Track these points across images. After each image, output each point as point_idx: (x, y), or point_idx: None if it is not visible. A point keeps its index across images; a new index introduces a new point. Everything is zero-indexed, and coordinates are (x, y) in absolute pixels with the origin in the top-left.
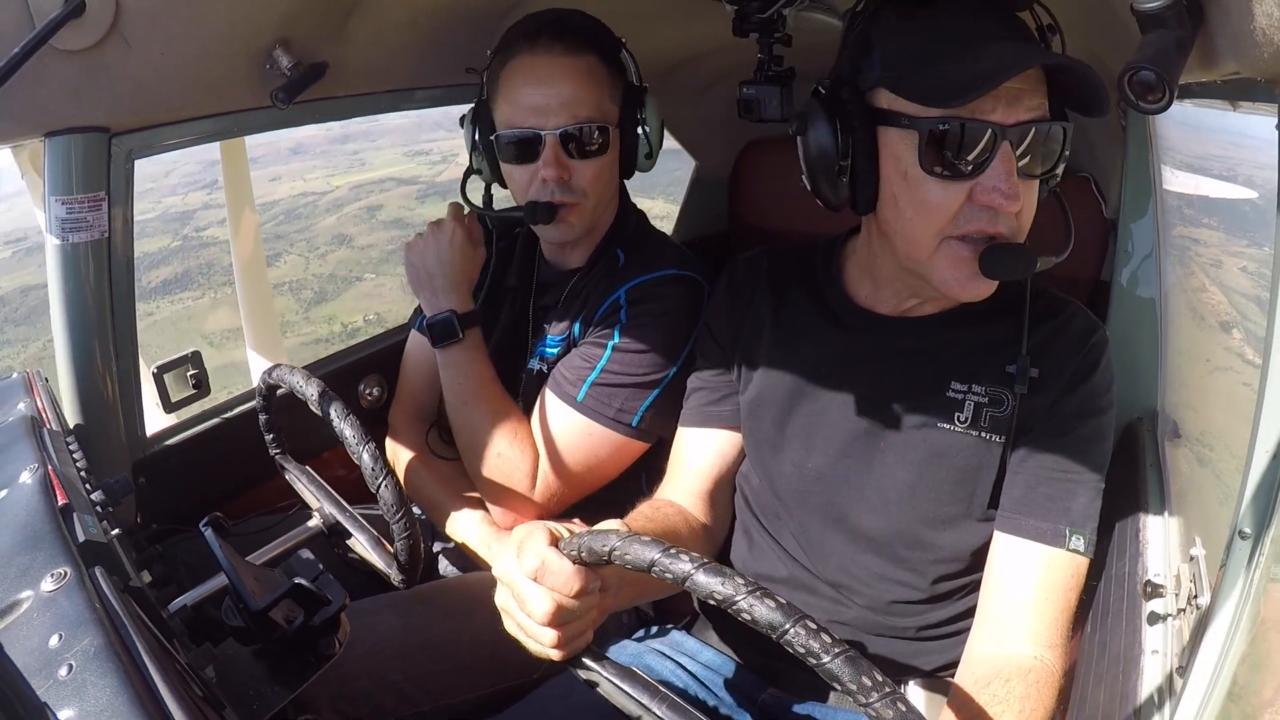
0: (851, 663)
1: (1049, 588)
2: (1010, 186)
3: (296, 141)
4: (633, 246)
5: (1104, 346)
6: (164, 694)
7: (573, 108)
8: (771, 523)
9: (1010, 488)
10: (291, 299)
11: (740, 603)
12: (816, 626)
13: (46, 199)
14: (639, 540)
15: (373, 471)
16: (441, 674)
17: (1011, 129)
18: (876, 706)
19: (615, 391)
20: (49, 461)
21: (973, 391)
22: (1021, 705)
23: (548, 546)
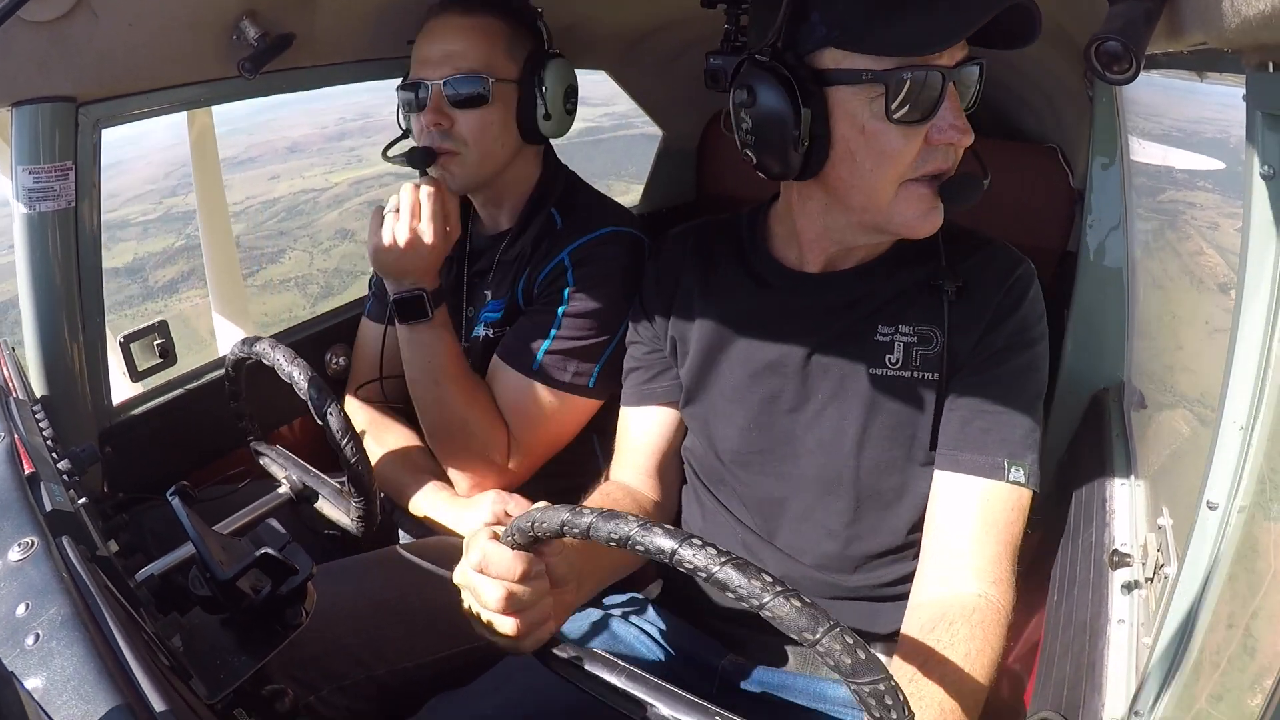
0: (740, 568)
1: (990, 522)
2: (963, 123)
3: (293, 141)
4: (568, 207)
5: (1030, 279)
6: (131, 663)
7: (456, 60)
8: (719, 489)
9: (946, 425)
10: (299, 294)
11: (635, 536)
12: (702, 543)
13: (14, 168)
14: (552, 509)
15: (316, 400)
16: (395, 638)
17: (953, 70)
18: (771, 605)
19: (569, 356)
20: (15, 430)
21: (900, 332)
22: (967, 647)
23: (488, 540)
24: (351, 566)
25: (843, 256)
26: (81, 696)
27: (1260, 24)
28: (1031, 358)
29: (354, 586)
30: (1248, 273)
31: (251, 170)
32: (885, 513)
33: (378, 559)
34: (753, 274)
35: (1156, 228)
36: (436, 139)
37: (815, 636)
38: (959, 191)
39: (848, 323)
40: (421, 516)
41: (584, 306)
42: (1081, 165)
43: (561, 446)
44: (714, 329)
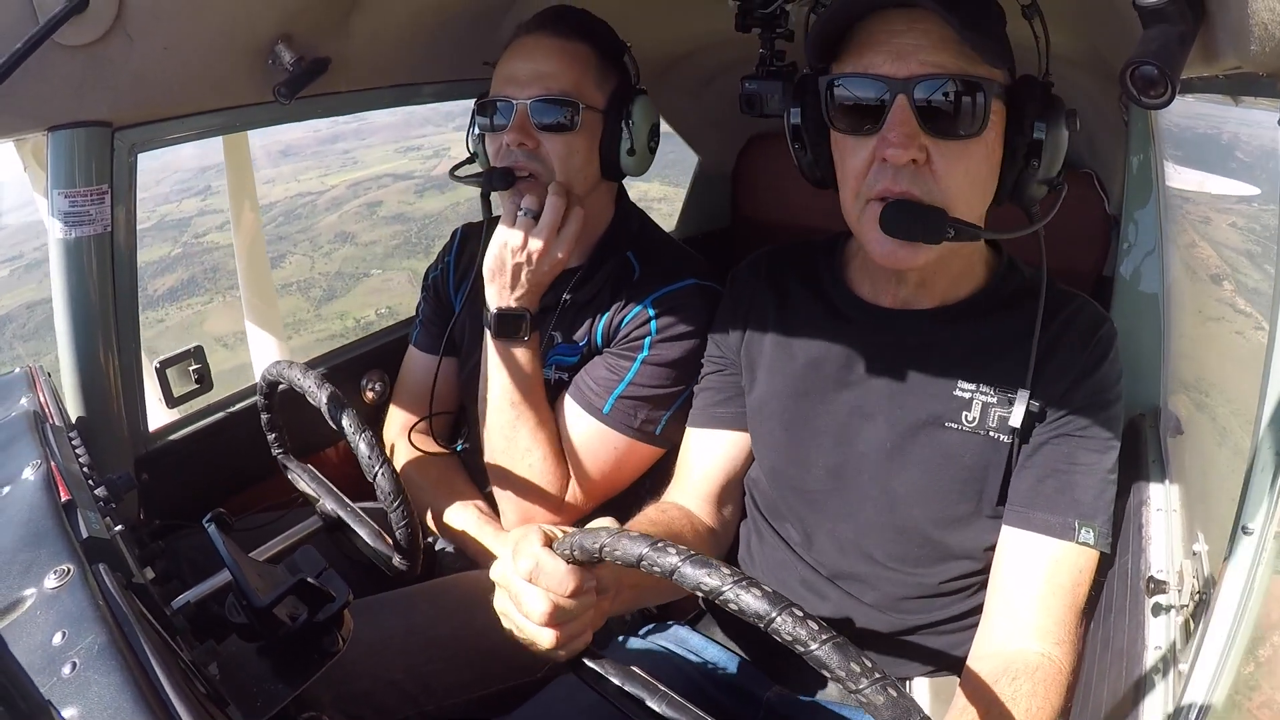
0: (839, 649)
1: (1057, 582)
2: (898, 137)
3: (286, 144)
4: (646, 254)
5: (1112, 339)
6: (168, 691)
7: (547, 80)
8: (780, 523)
9: (1018, 482)
10: (301, 298)
11: (727, 593)
12: (803, 614)
13: (50, 193)
14: (628, 536)
15: (369, 460)
16: (444, 673)
17: (904, 82)
18: (866, 693)
19: (640, 404)
20: (52, 457)
21: (980, 391)
22: (1029, 704)
23: (541, 547)
24: (399, 600)
25: (914, 295)
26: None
27: None
28: (1108, 418)
29: (402, 621)
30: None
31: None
32: (947, 559)
33: (426, 593)
34: (829, 305)
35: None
36: (519, 158)
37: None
38: (897, 219)
39: (927, 372)
40: (463, 545)
41: (665, 356)
42: (1117, 190)
43: (618, 491)
44: (785, 358)
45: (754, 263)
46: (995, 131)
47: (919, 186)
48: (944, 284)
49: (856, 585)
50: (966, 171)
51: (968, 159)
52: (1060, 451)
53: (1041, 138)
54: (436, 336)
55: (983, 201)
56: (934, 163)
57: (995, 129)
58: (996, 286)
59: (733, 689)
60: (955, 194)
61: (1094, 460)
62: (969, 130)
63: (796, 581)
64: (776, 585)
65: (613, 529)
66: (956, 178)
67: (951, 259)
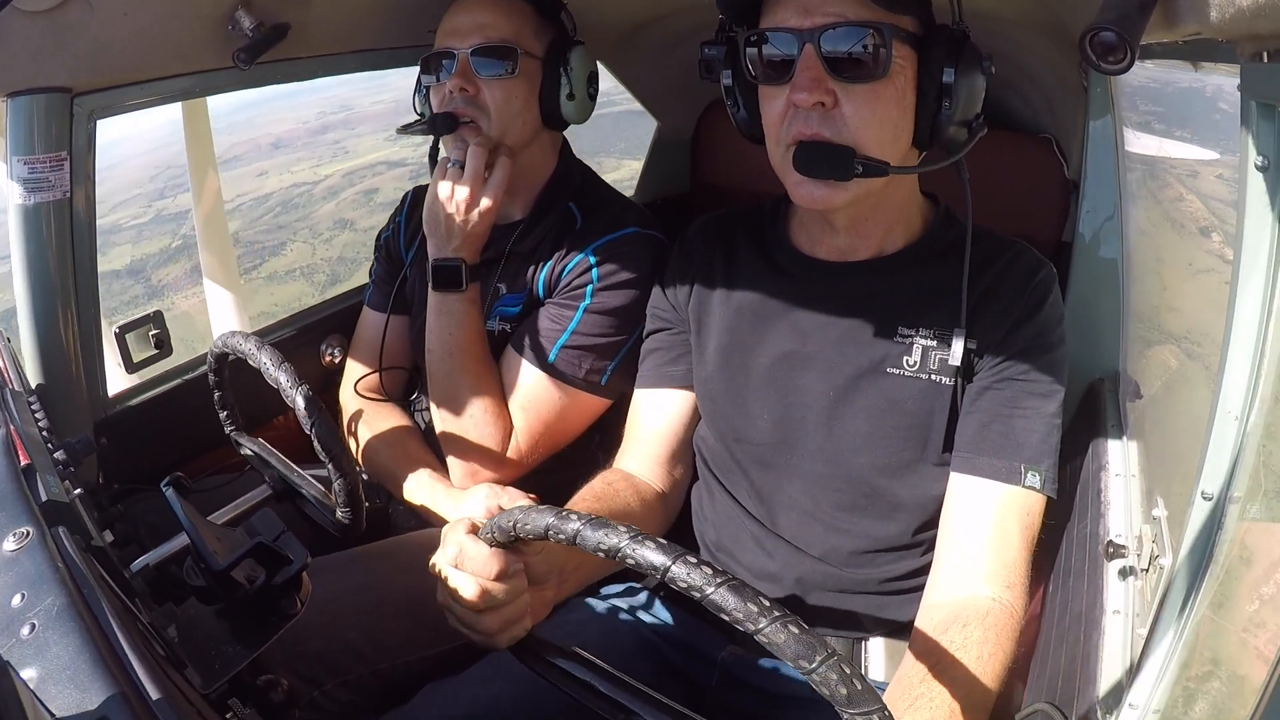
0: (735, 590)
1: (1005, 526)
2: (805, 82)
3: (276, 136)
4: (589, 205)
5: (1051, 282)
6: (126, 653)
7: (486, 30)
8: (729, 479)
9: (963, 428)
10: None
11: (625, 549)
12: (697, 561)
13: (9, 159)
14: (534, 509)
15: (305, 414)
16: (397, 630)
17: (810, 32)
18: (767, 632)
19: (585, 353)
20: (11, 421)
21: (920, 334)
22: (979, 650)
23: (465, 534)
24: (351, 559)
25: (849, 244)
26: (77, 686)
27: (1254, 14)
28: (1050, 361)
29: (355, 580)
30: (1242, 263)
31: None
32: (895, 510)
33: (378, 551)
34: (771, 262)
35: (1151, 218)
36: (459, 104)
37: (811, 665)
38: (809, 158)
39: (866, 320)
40: (417, 506)
41: (607, 304)
42: (1076, 156)
43: (563, 444)
44: (731, 316)
45: (704, 225)
46: (905, 76)
47: (829, 128)
48: (878, 233)
49: (806, 539)
50: (875, 113)
51: (875, 101)
52: (1004, 396)
53: (950, 81)
54: (387, 295)
55: (895, 142)
56: (842, 106)
57: (905, 73)
58: (933, 237)
59: (687, 649)
60: (865, 134)
61: (1038, 404)
62: (873, 74)
63: (747, 537)
64: (727, 543)
65: (523, 506)
66: (865, 119)
67: (881, 207)
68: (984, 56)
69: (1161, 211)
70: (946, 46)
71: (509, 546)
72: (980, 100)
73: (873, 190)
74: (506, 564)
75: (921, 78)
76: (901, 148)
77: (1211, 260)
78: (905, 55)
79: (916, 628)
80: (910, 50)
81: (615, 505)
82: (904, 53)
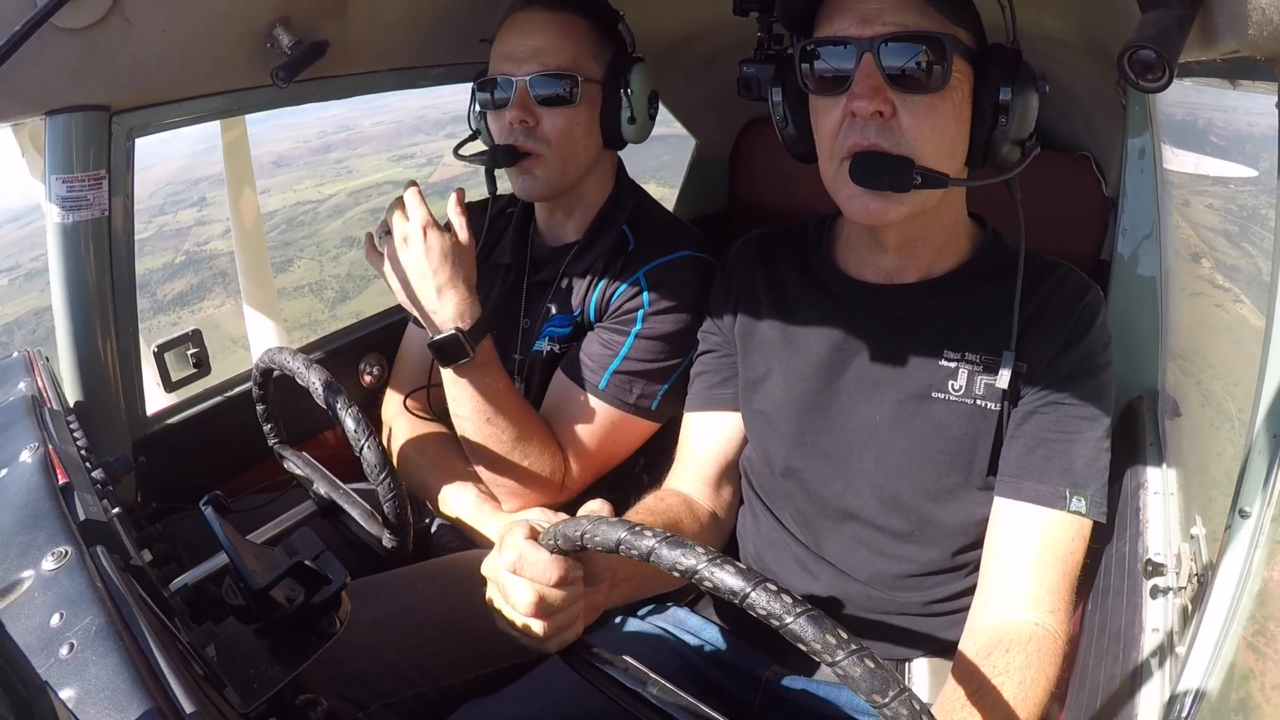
0: (814, 621)
1: (1049, 551)
2: (864, 90)
3: (278, 155)
4: (641, 227)
5: (1098, 306)
6: (165, 673)
7: (544, 56)
8: (773, 503)
9: (1008, 452)
10: (315, 299)
11: (702, 571)
12: (778, 589)
13: (47, 177)
14: (606, 522)
15: (355, 434)
16: (440, 654)
17: (869, 41)
18: (844, 664)
19: (636, 378)
20: (49, 440)
21: (966, 359)
22: (1022, 675)
23: (525, 539)
24: (394, 581)
25: (897, 266)
26: (116, 706)
27: None
28: (1097, 385)
29: (398, 602)
30: (1279, 280)
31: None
32: (940, 534)
33: (421, 573)
34: (816, 283)
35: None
36: (520, 137)
37: (884, 700)
38: (867, 167)
39: (912, 344)
40: (463, 525)
41: (658, 329)
42: (1115, 173)
43: (611, 467)
44: (775, 338)
45: (745, 244)
46: (962, 91)
47: (886, 139)
48: (926, 255)
49: (850, 564)
50: (933, 126)
51: (934, 114)
52: (1049, 420)
53: (1007, 98)
54: None
55: (951, 157)
56: (900, 117)
57: (962, 89)
58: (981, 259)
59: (731, 669)
60: (923, 146)
61: (1084, 428)
62: (933, 85)
63: (791, 560)
64: (771, 564)
65: (593, 516)
66: (923, 131)
67: (932, 227)
68: (1038, 76)
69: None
70: (1003, 64)
71: (570, 554)
72: (1034, 120)
73: (927, 206)
74: (567, 570)
75: (979, 93)
76: (957, 163)
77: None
78: (963, 70)
79: (960, 652)
80: (967, 65)
81: (669, 520)
82: (962, 67)
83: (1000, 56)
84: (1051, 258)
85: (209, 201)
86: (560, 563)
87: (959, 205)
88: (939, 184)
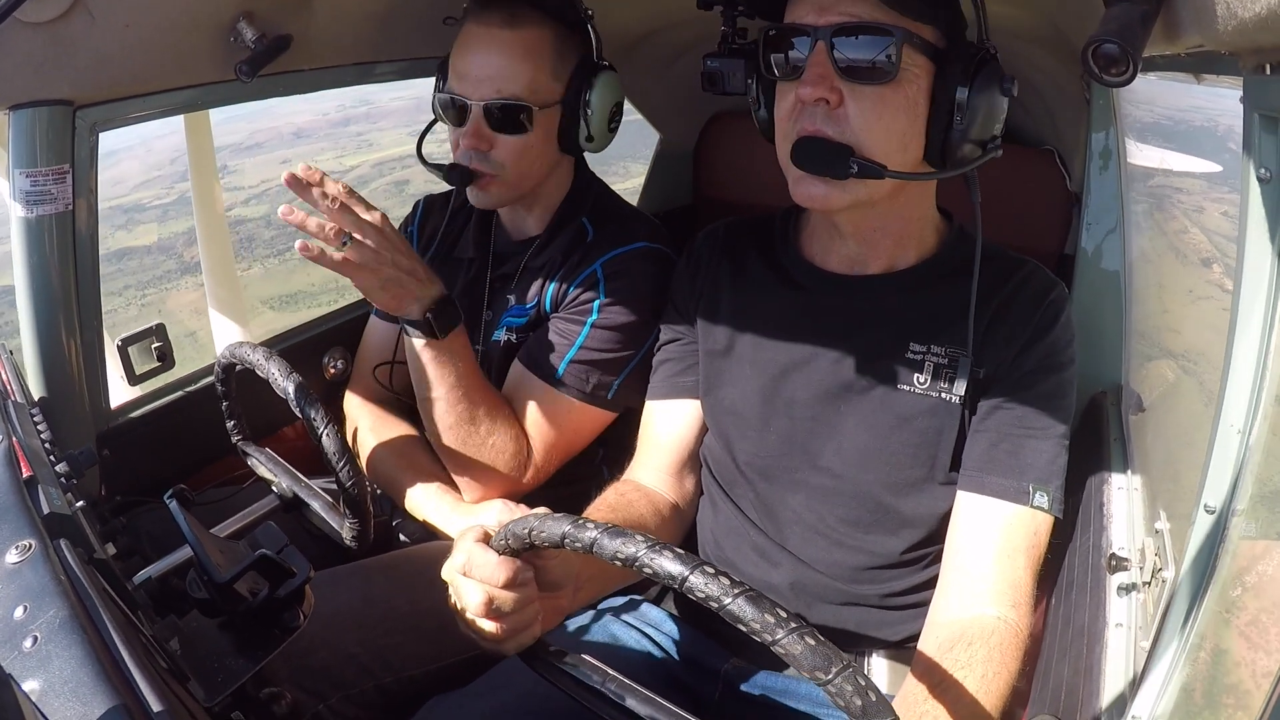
0: (753, 601)
1: (1012, 546)
2: (811, 77)
3: (298, 127)
4: (600, 218)
5: (1062, 303)
6: (129, 665)
7: (498, 82)
8: (734, 491)
9: (972, 446)
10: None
11: (642, 558)
12: (715, 571)
13: (11, 171)
14: (551, 518)
15: (314, 422)
16: (402, 645)
17: (823, 29)
18: (784, 643)
19: (592, 368)
20: (13, 434)
21: (931, 352)
22: (984, 669)
23: (475, 542)
24: (356, 573)
25: (859, 255)
26: (79, 699)
27: (1257, 26)
28: (1060, 382)
29: (360, 594)
30: (1245, 275)
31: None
32: (901, 527)
33: (382, 565)
34: (781, 272)
35: (1154, 230)
36: (474, 159)
37: (827, 676)
38: (807, 152)
39: (878, 336)
40: (424, 521)
41: (614, 319)
42: (1078, 168)
43: (570, 457)
44: (739, 327)
45: (711, 233)
46: (918, 86)
47: (831, 127)
48: (888, 245)
49: (809, 553)
50: (880, 117)
51: (882, 106)
52: (1013, 416)
53: (964, 97)
54: None
55: (902, 151)
56: (847, 106)
57: (918, 83)
58: (946, 254)
59: (691, 663)
60: (867, 137)
61: (1047, 425)
62: (881, 78)
63: (750, 549)
64: (729, 554)
65: (540, 514)
66: (869, 121)
67: (889, 218)
68: (1006, 77)
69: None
70: (964, 63)
71: (521, 554)
72: (999, 121)
73: (876, 196)
74: (515, 572)
75: (936, 91)
76: (910, 158)
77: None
78: (920, 64)
79: (921, 646)
80: (927, 61)
81: (629, 515)
82: (919, 61)
83: (963, 55)
84: (1016, 254)
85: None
86: (508, 564)
87: (923, 199)
88: (875, 174)
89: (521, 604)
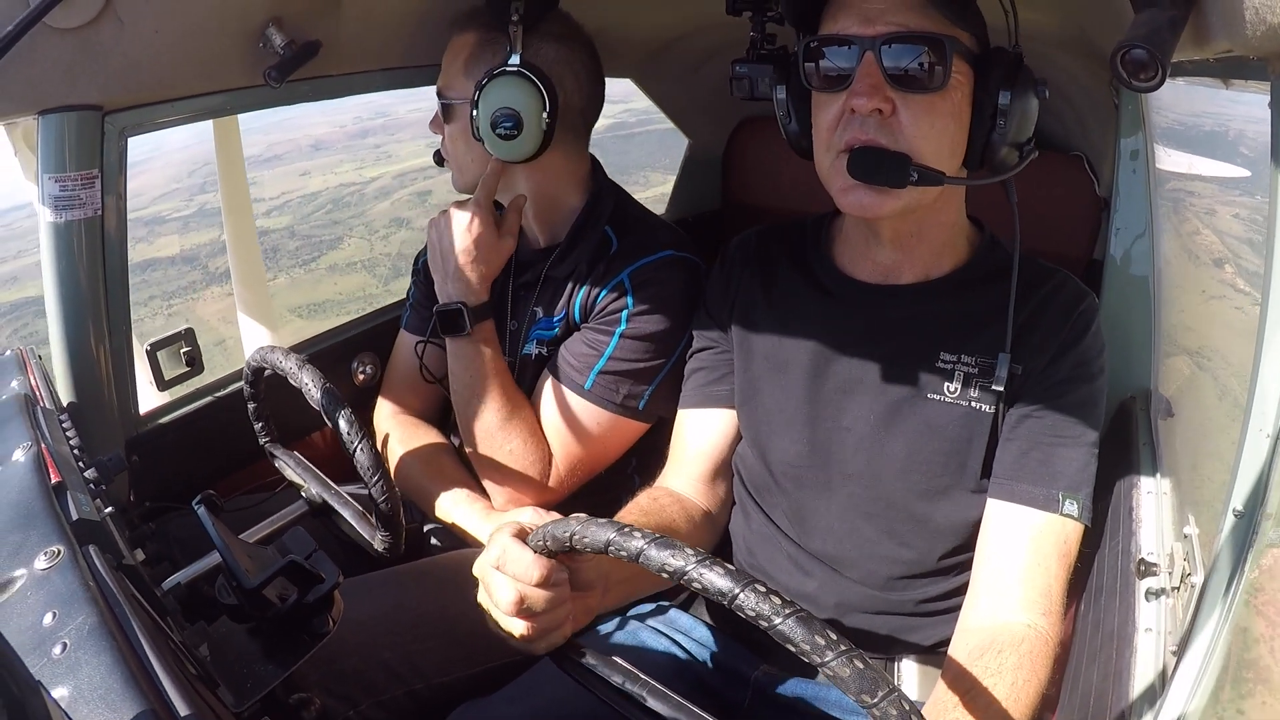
0: (803, 623)
1: (1042, 554)
2: (864, 88)
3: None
4: (623, 227)
5: (1093, 313)
6: (158, 672)
7: (441, 78)
8: (766, 500)
9: (1003, 455)
10: (369, 275)
11: (691, 572)
12: (766, 589)
13: (40, 176)
14: (595, 523)
15: (348, 435)
16: (433, 651)
17: (871, 39)
18: (833, 665)
19: (621, 378)
20: (42, 439)
21: (962, 361)
22: (1014, 676)
23: (510, 538)
24: (387, 579)
25: (894, 264)
26: (108, 705)
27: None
28: (1091, 392)
29: (391, 600)
30: (1274, 278)
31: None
32: (932, 535)
33: (414, 572)
34: (813, 281)
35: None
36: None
37: (873, 700)
38: (863, 162)
39: (909, 343)
40: (453, 526)
41: (643, 329)
42: (1107, 173)
43: (604, 468)
44: (772, 336)
45: (743, 241)
46: (962, 92)
47: (884, 136)
48: (924, 255)
49: (842, 562)
50: (932, 125)
51: (933, 114)
52: (1044, 424)
53: (1006, 102)
54: (425, 319)
55: (951, 156)
56: (899, 114)
57: (961, 89)
58: (978, 262)
59: (721, 669)
60: (920, 144)
61: (1078, 433)
62: (932, 85)
63: (783, 558)
64: (763, 563)
65: (582, 517)
66: (921, 129)
67: (928, 225)
68: (1039, 81)
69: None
70: (1003, 67)
71: (556, 556)
72: (1032, 124)
73: (922, 203)
74: (550, 572)
75: (978, 96)
76: (954, 163)
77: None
78: (963, 71)
79: (951, 653)
80: (968, 67)
81: (661, 520)
82: (962, 68)
83: (1001, 60)
84: (1048, 264)
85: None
86: (543, 563)
87: (958, 207)
88: (935, 181)
89: (554, 604)
